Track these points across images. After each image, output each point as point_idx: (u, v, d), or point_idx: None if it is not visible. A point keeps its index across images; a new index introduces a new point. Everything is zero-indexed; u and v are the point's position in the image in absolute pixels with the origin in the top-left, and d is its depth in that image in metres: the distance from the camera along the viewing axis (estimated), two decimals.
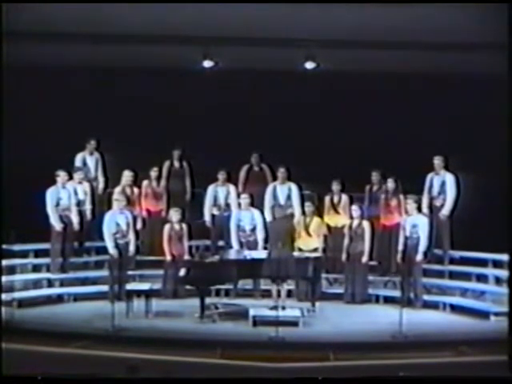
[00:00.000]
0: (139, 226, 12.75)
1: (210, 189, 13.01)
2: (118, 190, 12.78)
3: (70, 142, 12.93)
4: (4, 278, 11.08)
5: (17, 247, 12.06)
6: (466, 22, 10.60)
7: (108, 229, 11.96)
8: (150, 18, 10.93)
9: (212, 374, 8.48)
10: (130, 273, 12.13)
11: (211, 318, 11.07)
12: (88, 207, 12.90)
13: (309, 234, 12.27)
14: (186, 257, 12.10)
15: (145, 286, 11.52)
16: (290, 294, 12.01)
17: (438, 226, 12.48)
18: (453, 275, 12.45)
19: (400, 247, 11.96)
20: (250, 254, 11.68)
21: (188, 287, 11.72)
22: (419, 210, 12.17)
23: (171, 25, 11.18)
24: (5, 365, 8.25)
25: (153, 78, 13.18)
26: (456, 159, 12.52)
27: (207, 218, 13.00)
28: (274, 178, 13.04)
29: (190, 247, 12.37)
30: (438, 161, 12.59)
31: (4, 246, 11.48)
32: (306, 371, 8.68)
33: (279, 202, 12.86)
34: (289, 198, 12.88)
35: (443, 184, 12.61)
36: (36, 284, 12.38)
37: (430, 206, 12.62)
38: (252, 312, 10.89)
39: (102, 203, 13.04)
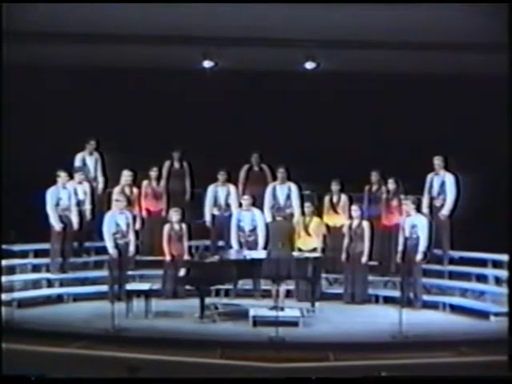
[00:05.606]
0: (139, 225, 12.74)
1: (210, 189, 13.00)
2: (117, 190, 12.76)
3: (69, 142, 12.94)
4: (4, 278, 11.09)
5: (17, 247, 12.09)
6: (466, 22, 10.61)
7: (108, 229, 11.96)
8: (150, 18, 10.92)
9: (212, 373, 8.48)
10: (129, 273, 12.13)
11: (211, 317, 11.06)
12: (88, 207, 12.89)
13: (308, 234, 12.26)
14: (186, 257, 12.09)
15: (145, 286, 11.51)
16: (289, 294, 12.01)
17: (438, 226, 12.47)
18: (453, 275, 12.45)
19: (400, 247, 11.96)
20: (249, 254, 11.68)
21: (188, 287, 11.73)
22: (418, 210, 12.17)
23: (171, 25, 11.17)
24: (5, 365, 8.23)
25: (153, 78, 13.17)
26: (456, 159, 12.52)
27: (207, 218, 12.99)
28: (275, 178, 13.03)
29: (190, 247, 12.36)
30: (437, 161, 12.58)
31: (4, 246, 11.49)
32: (305, 371, 8.68)
33: (279, 202, 12.86)
34: (288, 198, 12.87)
35: (443, 184, 12.60)
36: (36, 284, 12.38)
37: (430, 206, 12.63)
38: (252, 312, 10.88)
39: (101, 203, 13.03)
